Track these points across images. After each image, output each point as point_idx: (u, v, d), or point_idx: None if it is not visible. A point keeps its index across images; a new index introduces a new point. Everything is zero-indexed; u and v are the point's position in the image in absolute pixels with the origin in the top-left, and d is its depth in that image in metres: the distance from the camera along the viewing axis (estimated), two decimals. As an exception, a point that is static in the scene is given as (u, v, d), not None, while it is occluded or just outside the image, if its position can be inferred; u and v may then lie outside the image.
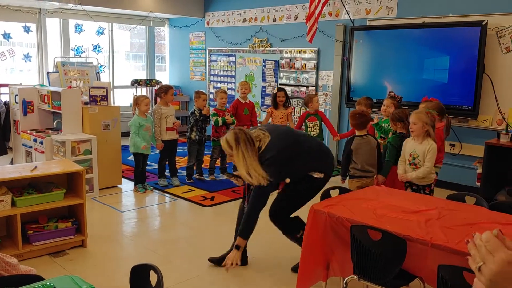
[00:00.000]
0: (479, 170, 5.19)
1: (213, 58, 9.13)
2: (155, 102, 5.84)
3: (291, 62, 7.73)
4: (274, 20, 7.93)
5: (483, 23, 5.34)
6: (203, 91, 6.26)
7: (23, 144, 5.80)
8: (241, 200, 5.39)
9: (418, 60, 6.00)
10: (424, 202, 3.04)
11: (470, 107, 5.58)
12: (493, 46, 5.45)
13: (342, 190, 3.47)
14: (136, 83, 8.83)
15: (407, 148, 3.93)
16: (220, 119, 6.00)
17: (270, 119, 6.49)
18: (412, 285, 2.66)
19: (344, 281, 2.77)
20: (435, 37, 5.82)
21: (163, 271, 2.14)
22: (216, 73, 9.12)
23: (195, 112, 5.89)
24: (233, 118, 6.15)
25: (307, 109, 6.12)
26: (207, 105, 6.13)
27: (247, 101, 6.53)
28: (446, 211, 2.86)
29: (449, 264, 2.17)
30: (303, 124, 6.19)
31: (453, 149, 5.89)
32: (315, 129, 6.11)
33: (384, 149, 4.44)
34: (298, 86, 7.66)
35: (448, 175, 5.81)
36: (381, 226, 2.54)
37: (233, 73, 8.77)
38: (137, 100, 5.49)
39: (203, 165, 6.29)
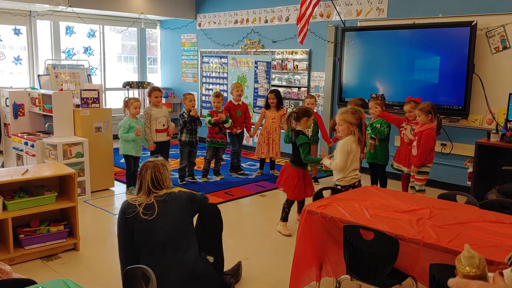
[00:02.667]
0: (470, 169, 5.24)
1: (205, 59, 9.12)
2: (149, 102, 5.84)
3: (283, 63, 7.74)
4: (266, 21, 7.94)
5: (472, 24, 5.39)
6: (191, 92, 6.28)
7: (14, 148, 5.76)
8: (236, 201, 5.41)
9: (408, 61, 6.04)
10: (416, 202, 3.07)
11: (460, 107, 5.63)
12: (483, 46, 5.50)
13: (334, 191, 3.49)
14: (128, 85, 8.80)
15: None
16: (208, 119, 6.05)
17: (264, 120, 6.51)
18: (404, 284, 2.68)
19: (337, 281, 2.78)
20: (426, 37, 5.86)
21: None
22: (208, 75, 9.12)
23: (184, 113, 5.89)
24: (230, 120, 6.19)
25: None
26: (196, 106, 6.14)
27: (240, 102, 6.54)
28: (438, 210, 2.88)
29: (441, 262, 2.19)
30: None
31: (444, 148, 5.94)
32: (308, 130, 6.13)
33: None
34: (290, 87, 7.68)
35: (439, 175, 5.85)
36: (373, 226, 2.56)
37: (225, 75, 8.77)
38: (127, 103, 5.48)
39: (195, 167, 6.28)
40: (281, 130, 6.48)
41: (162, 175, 2.88)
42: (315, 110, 6.22)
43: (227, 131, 6.34)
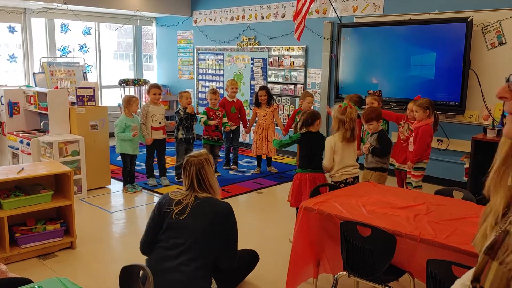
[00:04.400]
0: (467, 165, 5.25)
1: (201, 56, 9.10)
2: (145, 100, 5.84)
3: (279, 60, 7.73)
4: (262, 18, 7.92)
5: (468, 19, 5.39)
6: (187, 90, 6.29)
7: (9, 146, 5.72)
8: (233, 198, 5.41)
9: (405, 57, 6.04)
10: (413, 198, 3.07)
11: (457, 103, 5.63)
12: (479, 42, 5.50)
13: (331, 187, 3.49)
14: (124, 82, 8.76)
15: None
16: (203, 120, 6.06)
17: (256, 118, 6.52)
18: (401, 280, 2.68)
19: (335, 278, 2.78)
20: (422, 33, 5.86)
21: (153, 271, 2.12)
22: (205, 72, 9.10)
23: (180, 111, 5.88)
24: (228, 123, 6.25)
25: (301, 105, 6.20)
26: (192, 103, 6.15)
27: (235, 99, 6.54)
28: (434, 206, 2.88)
29: (438, 258, 2.19)
30: (294, 120, 6.24)
31: (441, 144, 5.95)
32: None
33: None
34: (286, 84, 7.67)
35: (436, 171, 5.86)
36: (370, 222, 2.56)
37: (221, 72, 8.75)
38: (129, 101, 5.44)
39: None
40: (276, 127, 6.49)
41: (207, 173, 2.74)
42: (312, 108, 6.23)
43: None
